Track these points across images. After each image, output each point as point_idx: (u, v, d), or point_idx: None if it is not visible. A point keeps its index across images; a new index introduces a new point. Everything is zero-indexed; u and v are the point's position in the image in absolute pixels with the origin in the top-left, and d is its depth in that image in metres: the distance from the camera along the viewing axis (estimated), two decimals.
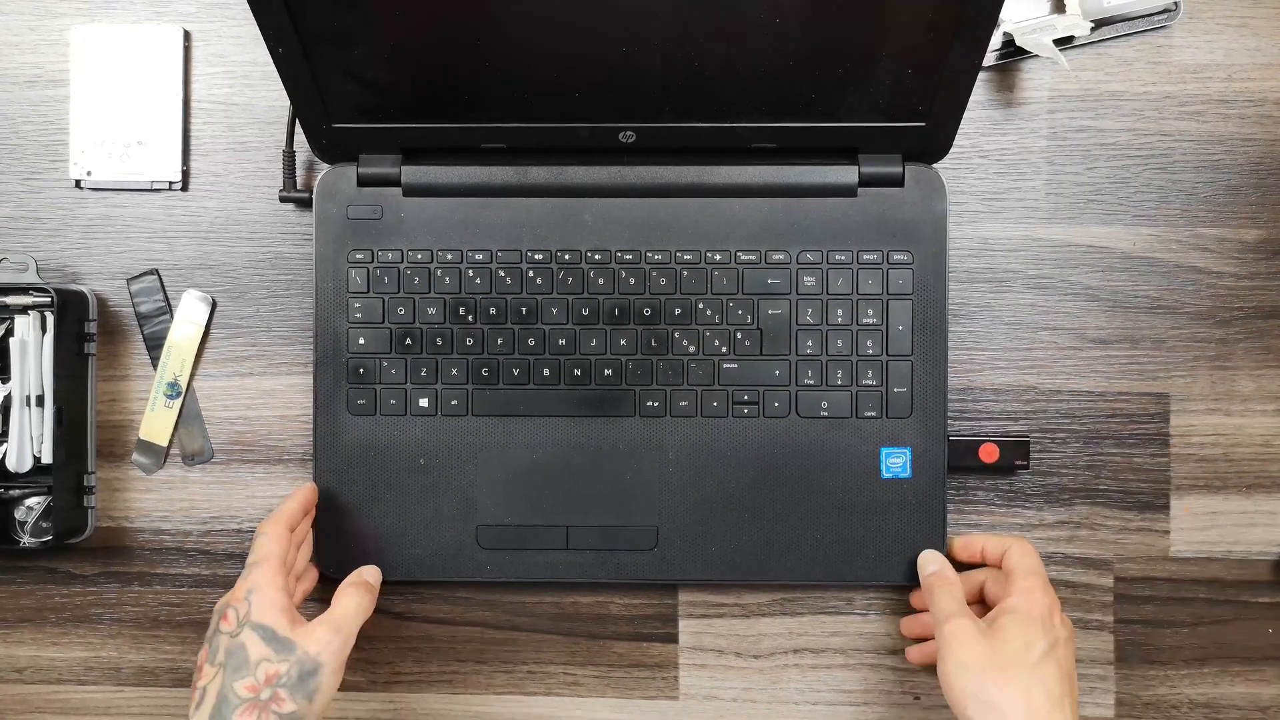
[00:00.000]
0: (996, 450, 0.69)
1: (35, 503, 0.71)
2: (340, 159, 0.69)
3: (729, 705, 0.71)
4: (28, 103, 0.73)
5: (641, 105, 0.64)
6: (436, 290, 0.69)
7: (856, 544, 0.68)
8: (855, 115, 0.65)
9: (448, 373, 0.69)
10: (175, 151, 0.72)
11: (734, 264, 0.69)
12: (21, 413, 0.70)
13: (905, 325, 0.68)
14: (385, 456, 0.68)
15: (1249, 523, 0.71)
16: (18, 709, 0.72)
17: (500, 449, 0.69)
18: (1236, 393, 0.71)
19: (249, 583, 0.61)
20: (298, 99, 0.64)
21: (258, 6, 0.58)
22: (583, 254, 0.69)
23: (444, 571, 0.69)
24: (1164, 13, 0.71)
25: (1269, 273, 0.72)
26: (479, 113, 0.65)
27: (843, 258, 0.69)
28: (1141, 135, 0.72)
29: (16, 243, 0.73)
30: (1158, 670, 0.71)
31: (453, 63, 0.62)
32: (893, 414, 0.68)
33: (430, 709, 0.72)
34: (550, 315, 0.69)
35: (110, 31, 0.72)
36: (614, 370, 0.69)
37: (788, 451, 0.68)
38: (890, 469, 0.68)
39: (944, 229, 0.69)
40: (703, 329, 0.69)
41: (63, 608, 0.72)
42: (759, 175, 0.68)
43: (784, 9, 0.58)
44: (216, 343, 0.73)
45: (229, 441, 0.72)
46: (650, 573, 0.69)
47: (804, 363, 0.69)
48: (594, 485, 0.68)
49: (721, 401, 0.68)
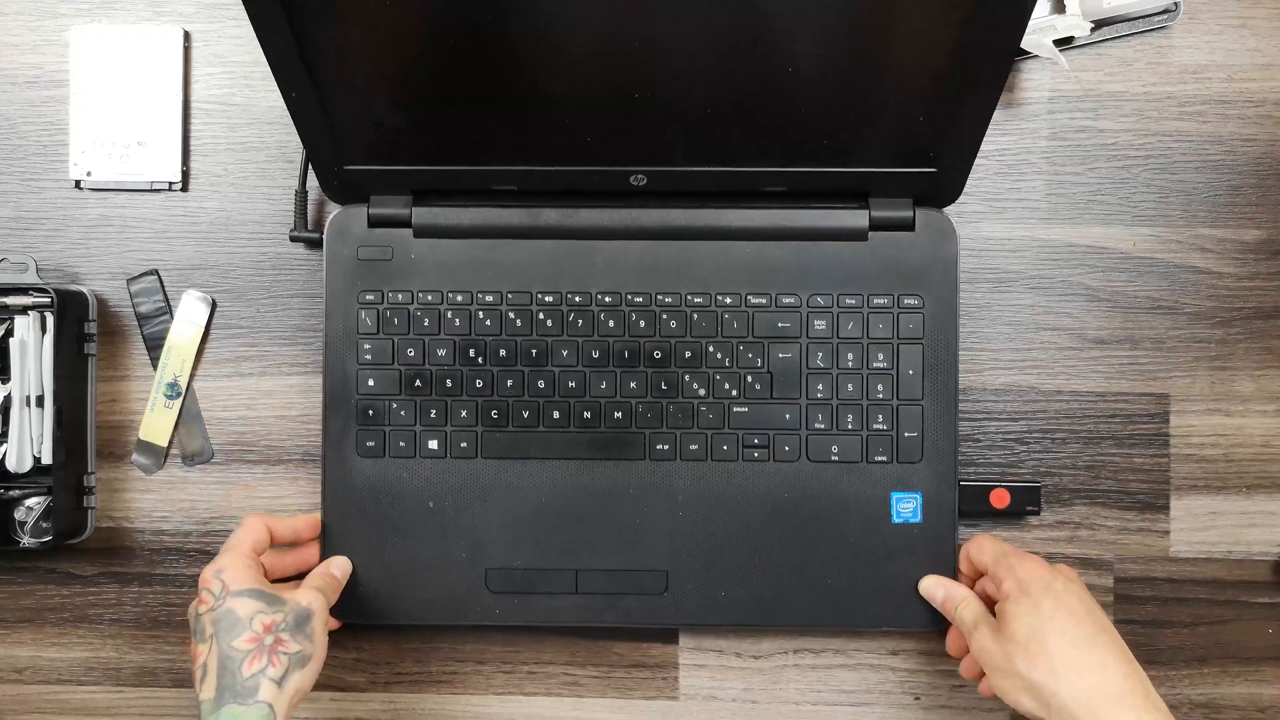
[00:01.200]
0: (1008, 496, 0.69)
1: (35, 503, 0.71)
2: (351, 200, 0.69)
3: (729, 705, 0.71)
4: (28, 103, 0.73)
5: (653, 149, 0.64)
6: (446, 332, 0.69)
7: (867, 589, 0.68)
8: (866, 160, 0.65)
9: (457, 415, 0.68)
10: (175, 152, 0.72)
11: (744, 307, 0.69)
12: (21, 413, 0.70)
13: (916, 369, 0.68)
14: (394, 499, 0.68)
15: (1249, 523, 0.71)
16: (18, 709, 0.72)
17: (510, 491, 0.68)
18: (1236, 393, 0.71)
19: (216, 565, 0.61)
20: (310, 142, 0.64)
21: (271, 51, 0.59)
22: (593, 296, 0.69)
23: (453, 615, 0.68)
24: (1164, 13, 0.71)
25: (1269, 273, 0.72)
26: (491, 155, 0.65)
27: (853, 302, 0.68)
28: (1141, 136, 0.72)
29: (16, 243, 0.73)
30: (1158, 670, 0.71)
31: (465, 105, 0.62)
32: (903, 458, 0.68)
33: (430, 709, 0.72)
34: (560, 357, 0.69)
35: (110, 32, 0.72)
36: (624, 413, 0.68)
37: (798, 496, 0.68)
38: (901, 514, 0.68)
39: (954, 273, 0.69)
40: (713, 372, 0.68)
41: (63, 608, 0.72)
42: (770, 219, 0.68)
43: (796, 55, 0.59)
44: (216, 343, 0.73)
45: (229, 441, 0.72)
46: (660, 617, 0.68)
47: (814, 407, 0.68)
48: (604, 528, 0.68)
49: (731, 445, 0.68)
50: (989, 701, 0.71)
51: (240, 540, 0.63)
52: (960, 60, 0.59)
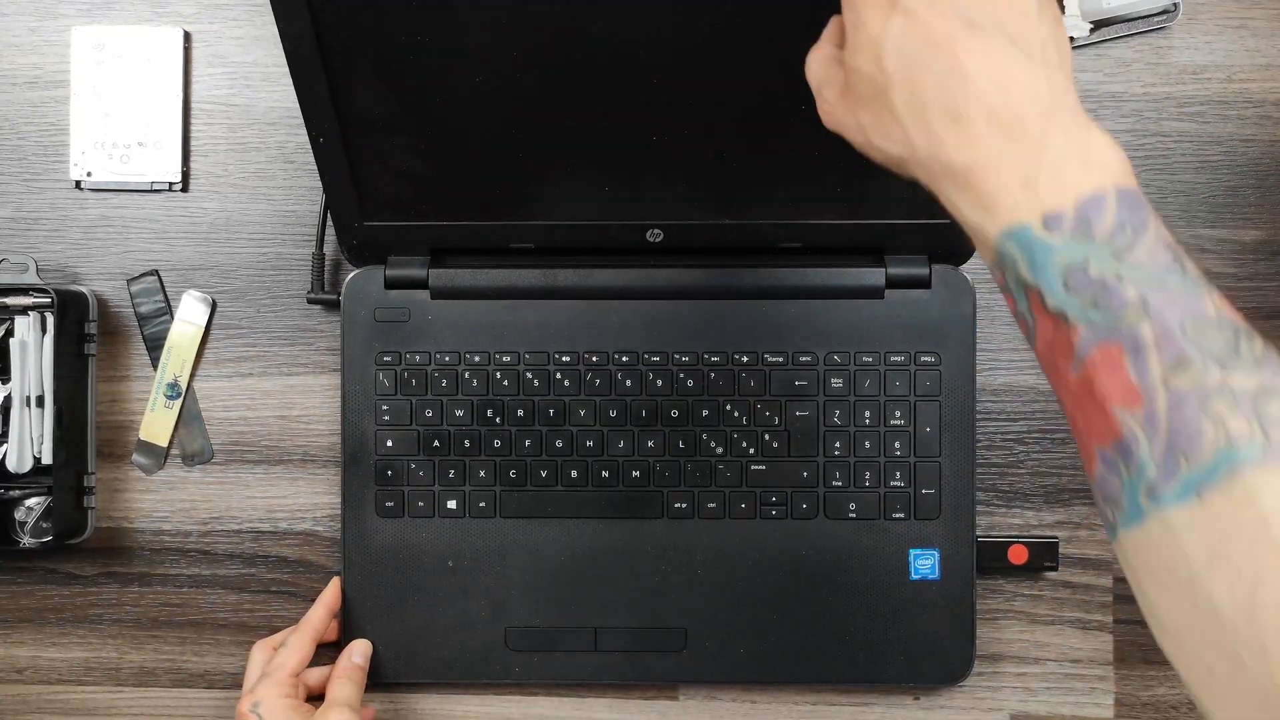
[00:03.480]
0: (1026, 552, 0.69)
1: (35, 503, 0.71)
2: (369, 261, 0.69)
3: (729, 705, 0.71)
4: (28, 103, 0.73)
5: (669, 203, 0.65)
6: (464, 392, 0.69)
7: (885, 645, 0.68)
8: (880, 211, 0.65)
9: (475, 474, 0.69)
10: (175, 152, 0.72)
11: (761, 366, 0.69)
12: (21, 413, 0.70)
13: (933, 427, 0.68)
14: (413, 558, 0.68)
15: None
16: (18, 709, 0.72)
17: (528, 550, 0.68)
18: None
19: (255, 696, 0.63)
20: (333, 192, 0.64)
21: (305, 96, 0.59)
22: (610, 356, 0.69)
23: (473, 674, 0.69)
24: (1163, 14, 0.71)
25: (1269, 273, 0.72)
26: (508, 210, 0.65)
27: (870, 359, 0.68)
28: (1141, 136, 0.72)
29: (16, 243, 0.73)
30: (1157, 670, 0.71)
31: (488, 156, 0.62)
32: (921, 515, 0.68)
33: (430, 709, 0.72)
34: (578, 417, 0.69)
35: (110, 32, 0.72)
36: (642, 472, 0.68)
37: (816, 553, 0.68)
38: (919, 570, 0.68)
39: (972, 330, 0.69)
40: (730, 430, 0.68)
41: (63, 608, 0.72)
42: (786, 278, 0.68)
43: (811, 97, 0.59)
44: (216, 343, 0.73)
45: (229, 442, 0.72)
46: (679, 674, 0.68)
47: (832, 464, 0.68)
48: (622, 586, 0.68)
49: (749, 503, 0.68)
50: (989, 702, 0.71)
51: (282, 664, 0.64)
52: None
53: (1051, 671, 0.71)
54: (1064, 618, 0.71)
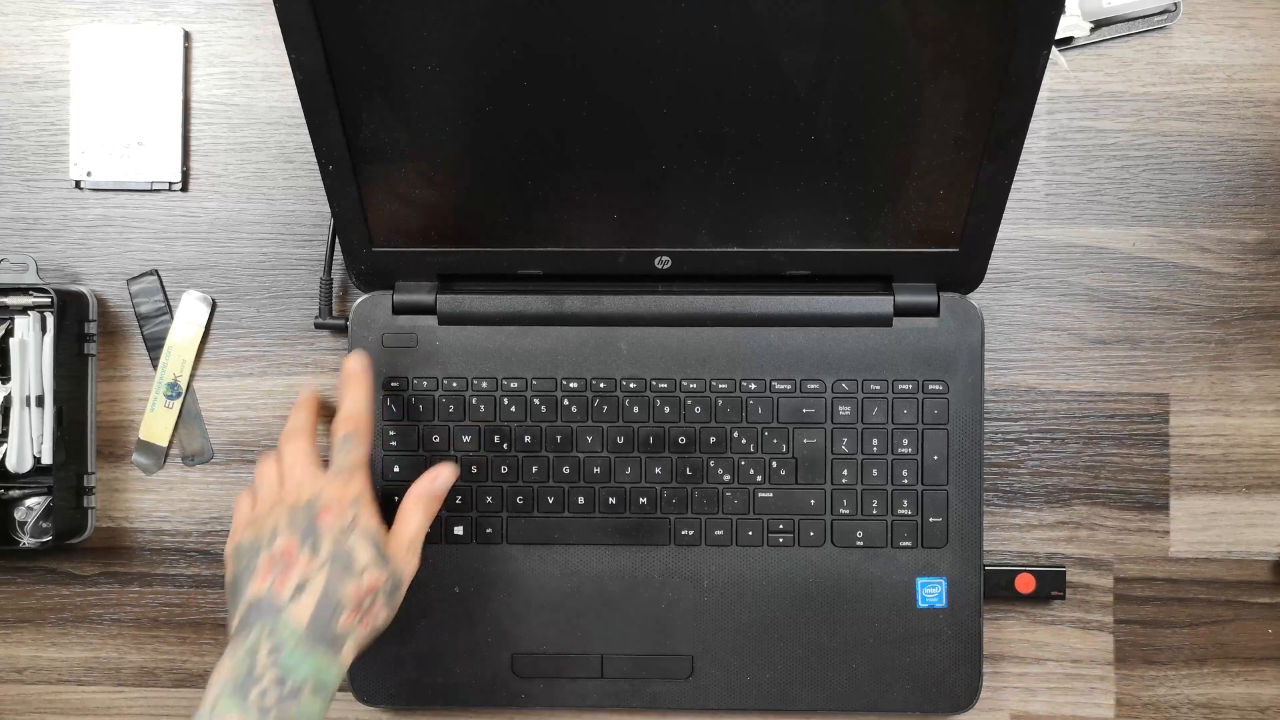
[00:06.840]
0: (1033, 581, 0.69)
1: (35, 503, 0.71)
2: (377, 286, 0.69)
3: None
4: (28, 103, 0.73)
5: (677, 229, 0.65)
6: (472, 418, 0.69)
7: (892, 674, 0.68)
8: (889, 239, 0.65)
9: (483, 501, 0.69)
10: (175, 152, 0.72)
11: (769, 393, 0.69)
12: (21, 413, 0.70)
13: (940, 455, 0.68)
14: (421, 584, 0.67)
15: (1248, 523, 0.71)
16: (18, 709, 0.72)
17: (535, 577, 0.68)
18: (1236, 393, 0.71)
19: (353, 489, 0.61)
20: (342, 218, 0.64)
21: (316, 125, 0.60)
22: (618, 382, 0.69)
23: (479, 700, 0.68)
24: (1164, 13, 0.71)
25: (1269, 273, 0.72)
26: (517, 236, 0.66)
27: (878, 387, 0.68)
28: (1141, 136, 0.72)
29: (16, 243, 0.73)
30: (1157, 670, 0.71)
31: (497, 183, 0.63)
32: (928, 543, 0.68)
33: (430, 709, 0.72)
34: (585, 444, 0.69)
35: (110, 32, 0.72)
36: (649, 499, 0.68)
37: (823, 581, 0.68)
38: (926, 599, 0.68)
39: (979, 359, 0.69)
40: (738, 458, 0.68)
41: (63, 608, 0.72)
42: (794, 305, 0.68)
43: (819, 126, 0.60)
44: (216, 343, 0.73)
45: (229, 442, 0.72)
46: (685, 702, 0.68)
47: (839, 492, 0.68)
48: (629, 613, 0.68)
49: (757, 530, 0.68)
50: (989, 702, 0.71)
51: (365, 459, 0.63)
52: (975, 130, 0.60)
53: (1052, 671, 0.71)
54: (1064, 618, 0.71)
